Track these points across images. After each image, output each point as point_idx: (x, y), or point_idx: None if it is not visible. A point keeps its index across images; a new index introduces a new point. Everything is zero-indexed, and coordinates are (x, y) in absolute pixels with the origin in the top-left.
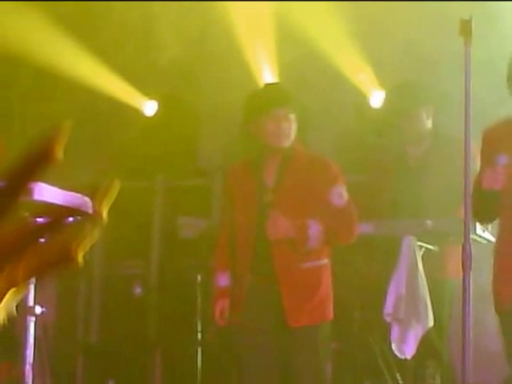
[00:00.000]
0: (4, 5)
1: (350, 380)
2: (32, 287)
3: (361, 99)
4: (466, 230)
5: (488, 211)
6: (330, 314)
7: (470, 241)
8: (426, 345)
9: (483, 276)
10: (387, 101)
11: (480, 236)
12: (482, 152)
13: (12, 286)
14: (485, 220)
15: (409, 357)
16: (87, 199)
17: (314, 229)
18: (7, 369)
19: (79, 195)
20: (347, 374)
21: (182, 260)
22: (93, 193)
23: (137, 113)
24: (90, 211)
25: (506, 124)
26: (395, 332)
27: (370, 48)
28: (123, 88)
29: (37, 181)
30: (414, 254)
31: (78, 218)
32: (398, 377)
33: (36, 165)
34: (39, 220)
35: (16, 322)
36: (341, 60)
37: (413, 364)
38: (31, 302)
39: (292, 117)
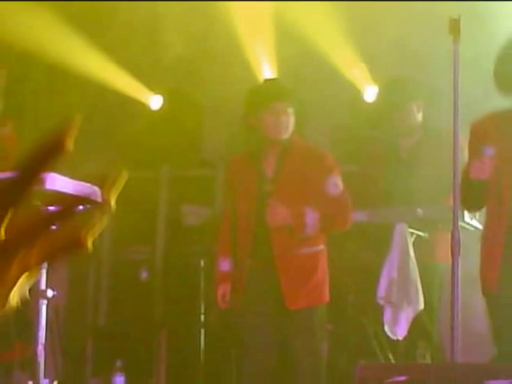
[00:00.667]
0: (18, 5)
1: (345, 360)
2: (44, 272)
3: (355, 94)
4: (455, 218)
5: (475, 200)
6: (326, 297)
7: (459, 228)
8: (417, 326)
9: (471, 261)
10: (380, 95)
11: (468, 223)
12: (470, 144)
13: (25, 271)
14: (472, 208)
15: (400, 338)
16: (96, 188)
17: (311, 216)
18: (21, 349)
19: (88, 185)
20: (342, 354)
21: (186, 246)
22: (101, 182)
23: (143, 107)
24: (99, 200)
25: (492, 117)
26: (387, 314)
27: (364, 45)
28: (130, 83)
29: (48, 171)
30: (406, 241)
31: (88, 206)
32: (391, 357)
33: (48, 156)
34: (51, 208)
35: (29, 305)
36: (336, 57)
37: (404, 344)
38: (43, 286)
39: (290, 110)
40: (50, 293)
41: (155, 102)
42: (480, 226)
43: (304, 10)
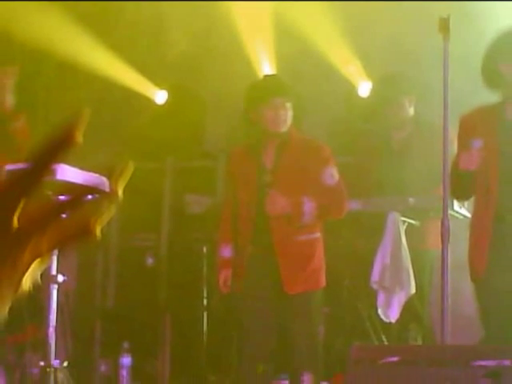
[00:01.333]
0: (30, 5)
1: (341, 342)
2: (55, 258)
3: (350, 89)
4: (445, 207)
5: (464, 190)
6: (323, 282)
7: (448, 216)
8: (409, 310)
9: (460, 248)
10: (374, 91)
11: (457, 212)
12: (459, 136)
13: (37, 257)
14: (461, 197)
15: (393, 320)
16: (104, 179)
17: (308, 205)
18: (33, 331)
19: (97, 175)
20: (338, 336)
21: (190, 233)
22: (109, 173)
23: (148, 101)
24: (107, 190)
25: (480, 111)
26: (381, 298)
27: (359, 44)
28: (136, 79)
29: (59, 162)
30: (398, 228)
31: (96, 195)
32: (384, 338)
33: (58, 148)
34: (61, 198)
35: (41, 289)
36: (332, 54)
37: (397, 327)
38: (54, 272)
39: (288, 105)
40: (60, 278)
41: (160, 96)
42: (468, 215)
43: (302, 10)
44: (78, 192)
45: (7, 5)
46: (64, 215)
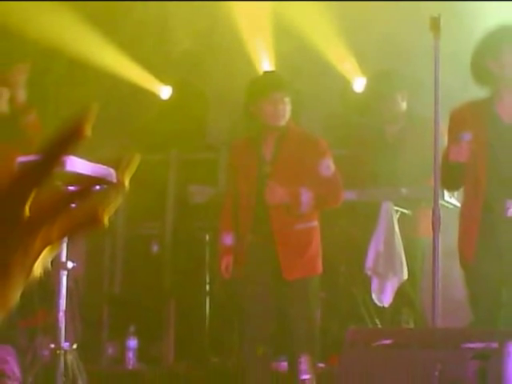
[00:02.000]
0: (42, 5)
1: (337, 325)
2: (64, 245)
3: (345, 85)
4: (436, 197)
5: (454, 180)
6: (320, 268)
7: (439, 206)
8: (401, 295)
9: (450, 236)
10: (368, 86)
11: (447, 201)
12: (449, 130)
13: (47, 245)
14: (451, 188)
15: (386, 305)
16: (112, 170)
17: (306, 196)
18: (44, 315)
19: (105, 167)
20: (334, 320)
21: (193, 222)
22: (116, 165)
23: (154, 96)
24: (114, 180)
25: (470, 106)
26: (375, 284)
27: (354, 41)
28: (142, 75)
29: (69, 154)
30: (391, 217)
31: (104, 186)
32: (378, 322)
33: (68, 141)
34: (71, 188)
35: (51, 275)
36: (329, 52)
37: (390, 311)
38: (64, 258)
39: (287, 100)
40: (69, 264)
41: (165, 92)
42: (458, 204)
43: (300, 10)
44: (86, 183)
45: (20, 5)
46: (73, 205)
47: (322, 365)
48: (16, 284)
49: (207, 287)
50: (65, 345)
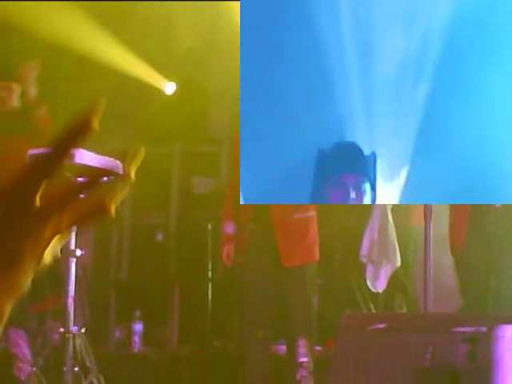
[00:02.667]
0: (52, 5)
1: (333, 310)
2: (73, 234)
3: None
4: None
5: None
6: (317, 255)
7: None
8: (395, 281)
9: (441, 225)
10: None
11: None
12: None
13: (57, 233)
14: None
15: (380, 291)
16: (118, 162)
17: None
18: (53, 301)
19: (112, 159)
20: (330, 305)
21: (196, 212)
22: (123, 157)
23: (159, 92)
24: (121, 172)
25: None
26: (369, 270)
27: None
28: (147, 72)
29: (77, 147)
30: (385, 207)
31: (111, 177)
32: (372, 307)
33: (77, 134)
34: (79, 179)
35: (60, 263)
36: None
37: (384, 297)
38: (73, 246)
39: None
40: (78, 252)
41: (169, 88)
42: None
43: None
44: (94, 174)
45: (31, 5)
46: (82, 195)
47: (319, 348)
48: (27, 270)
49: (209, 274)
50: (73, 329)
